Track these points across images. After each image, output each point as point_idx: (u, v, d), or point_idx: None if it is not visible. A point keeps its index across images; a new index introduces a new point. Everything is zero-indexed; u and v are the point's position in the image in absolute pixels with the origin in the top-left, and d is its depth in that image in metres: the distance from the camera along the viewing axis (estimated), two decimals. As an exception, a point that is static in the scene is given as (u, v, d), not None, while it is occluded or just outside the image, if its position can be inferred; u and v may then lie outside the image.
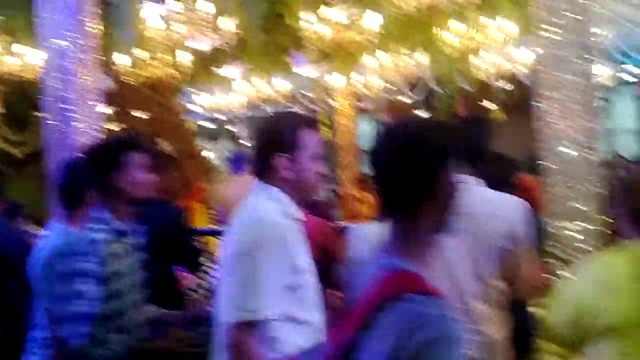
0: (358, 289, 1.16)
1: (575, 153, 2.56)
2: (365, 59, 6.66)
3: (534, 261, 1.89)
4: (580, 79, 2.57)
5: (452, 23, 5.55)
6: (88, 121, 3.19)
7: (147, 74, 5.06)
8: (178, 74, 5.26)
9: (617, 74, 7.66)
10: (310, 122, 1.77)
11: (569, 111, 2.58)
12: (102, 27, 3.95)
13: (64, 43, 3.13)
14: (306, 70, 7.40)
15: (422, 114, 8.07)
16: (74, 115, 3.13)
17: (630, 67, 7.88)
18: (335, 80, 7.99)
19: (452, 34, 5.61)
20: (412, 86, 8.00)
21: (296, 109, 10.61)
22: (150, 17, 4.15)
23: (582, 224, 2.52)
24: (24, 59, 5.32)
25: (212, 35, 4.61)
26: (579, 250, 2.51)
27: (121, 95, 6.61)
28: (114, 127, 6.57)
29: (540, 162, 2.69)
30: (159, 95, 6.84)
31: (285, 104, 9.64)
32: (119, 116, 6.80)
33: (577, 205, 2.54)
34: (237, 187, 4.23)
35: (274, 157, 1.71)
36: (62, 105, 3.15)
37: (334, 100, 9.65)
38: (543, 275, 2.20)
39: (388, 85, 8.14)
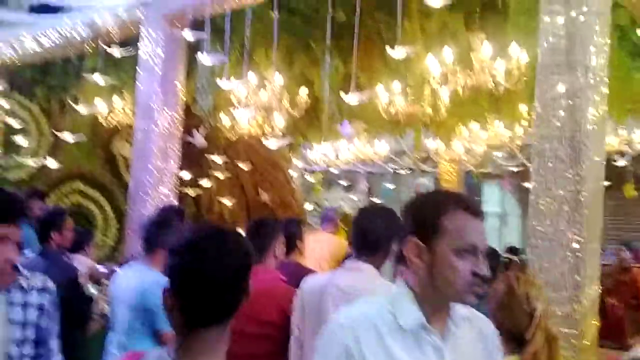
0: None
1: None
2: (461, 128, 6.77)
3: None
4: None
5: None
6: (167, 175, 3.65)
7: (246, 131, 5.58)
8: (275, 130, 5.72)
9: None
10: (467, 205, 1.34)
11: None
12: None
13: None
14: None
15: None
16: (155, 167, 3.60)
17: None
18: (436, 145, 8.18)
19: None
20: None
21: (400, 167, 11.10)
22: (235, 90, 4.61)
23: None
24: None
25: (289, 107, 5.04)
26: None
27: (230, 148, 7.26)
28: (220, 175, 7.26)
29: None
30: (262, 148, 7.37)
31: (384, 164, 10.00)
32: (227, 166, 7.45)
33: None
34: (312, 240, 4.54)
35: (402, 241, 1.38)
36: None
37: (437, 165, 9.88)
38: None
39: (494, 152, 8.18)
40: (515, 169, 9.00)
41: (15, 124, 6.70)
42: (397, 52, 3.39)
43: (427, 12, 4.17)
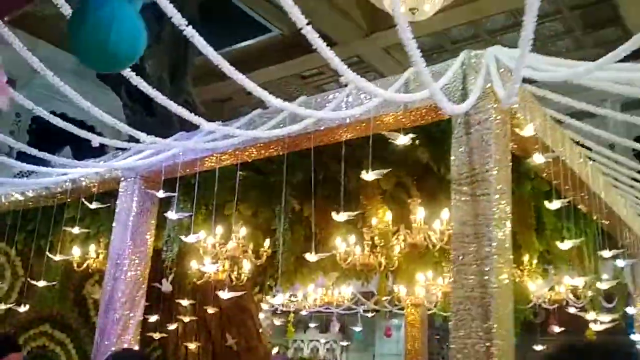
0: None
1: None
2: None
3: None
4: None
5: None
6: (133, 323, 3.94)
7: (213, 277, 5.94)
8: (241, 277, 6.09)
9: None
10: None
11: None
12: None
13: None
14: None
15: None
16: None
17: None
18: (397, 289, 8.56)
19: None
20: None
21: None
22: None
23: None
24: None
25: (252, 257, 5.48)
26: None
27: (198, 292, 7.52)
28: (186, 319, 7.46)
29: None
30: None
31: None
32: (194, 309, 7.66)
33: None
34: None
35: None
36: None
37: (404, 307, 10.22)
38: None
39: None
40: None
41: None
42: (340, 216, 3.90)
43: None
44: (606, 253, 5.08)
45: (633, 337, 6.84)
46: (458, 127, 3.47)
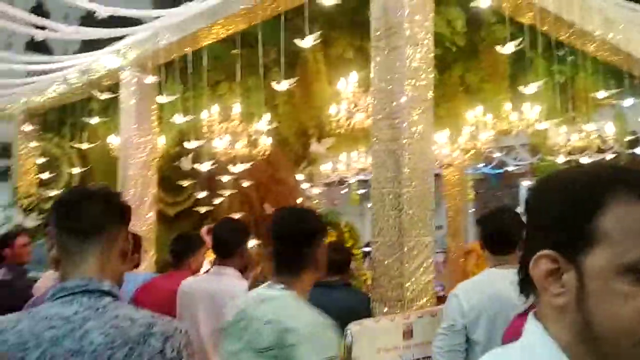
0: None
1: None
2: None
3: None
4: None
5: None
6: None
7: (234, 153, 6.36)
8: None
9: None
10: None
11: None
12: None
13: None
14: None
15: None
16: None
17: None
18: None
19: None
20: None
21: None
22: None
23: None
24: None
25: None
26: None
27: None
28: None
29: None
30: (266, 168, 8.16)
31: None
32: (234, 183, 8.27)
33: None
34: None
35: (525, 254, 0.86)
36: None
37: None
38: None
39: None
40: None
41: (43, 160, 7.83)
42: (281, 85, 4.02)
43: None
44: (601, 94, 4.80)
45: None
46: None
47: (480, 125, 5.69)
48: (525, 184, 10.77)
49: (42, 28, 4.99)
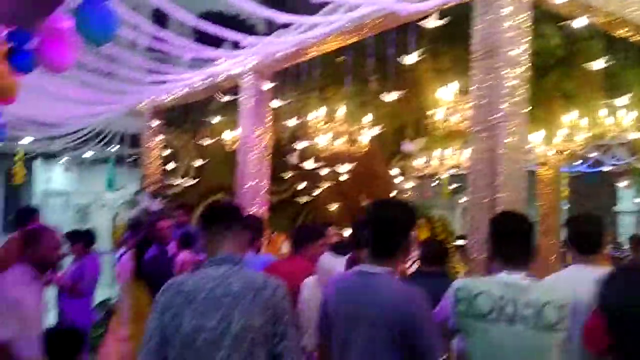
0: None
1: None
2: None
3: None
4: None
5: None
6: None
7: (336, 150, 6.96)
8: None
9: None
10: None
11: None
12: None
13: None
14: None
15: None
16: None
17: None
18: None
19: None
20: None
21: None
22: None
23: None
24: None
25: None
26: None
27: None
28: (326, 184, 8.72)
29: None
30: (362, 161, 8.74)
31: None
32: (330, 175, 8.90)
33: None
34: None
35: None
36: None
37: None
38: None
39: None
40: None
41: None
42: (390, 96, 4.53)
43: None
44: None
45: None
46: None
47: (575, 128, 5.91)
48: (623, 184, 10.62)
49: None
